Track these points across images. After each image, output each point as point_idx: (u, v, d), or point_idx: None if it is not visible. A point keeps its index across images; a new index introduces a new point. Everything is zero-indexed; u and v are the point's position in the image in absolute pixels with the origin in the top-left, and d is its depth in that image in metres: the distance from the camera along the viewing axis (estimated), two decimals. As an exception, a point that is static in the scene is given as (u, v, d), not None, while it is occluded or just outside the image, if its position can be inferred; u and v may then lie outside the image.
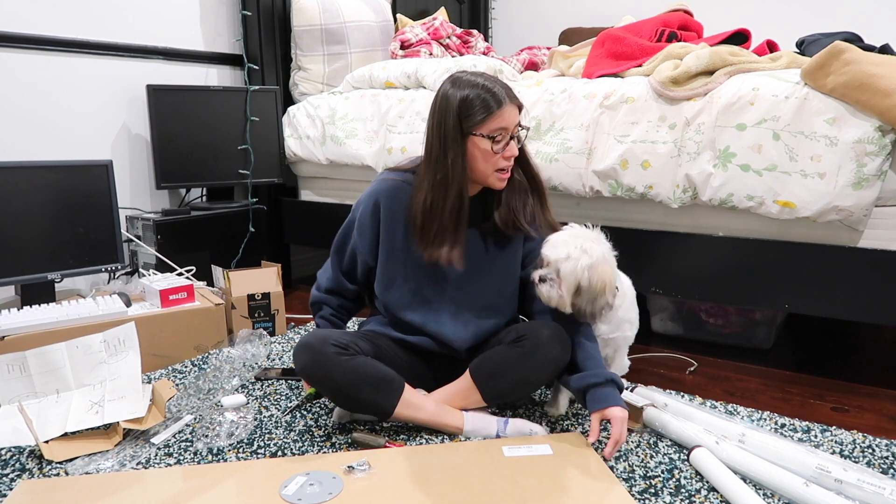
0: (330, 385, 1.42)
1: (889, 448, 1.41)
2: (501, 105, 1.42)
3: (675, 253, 1.91)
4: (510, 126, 1.44)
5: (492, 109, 1.42)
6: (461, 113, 1.43)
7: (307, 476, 1.27)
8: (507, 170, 1.48)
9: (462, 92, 1.43)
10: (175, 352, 1.95)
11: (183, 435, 1.50)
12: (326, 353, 1.40)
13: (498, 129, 1.43)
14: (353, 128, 2.51)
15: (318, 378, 1.42)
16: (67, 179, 2.02)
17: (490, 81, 1.45)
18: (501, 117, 1.42)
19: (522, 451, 1.37)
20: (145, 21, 2.48)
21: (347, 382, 1.40)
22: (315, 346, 1.41)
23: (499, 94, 1.43)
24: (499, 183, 1.49)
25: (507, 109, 1.43)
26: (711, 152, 1.78)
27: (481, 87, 1.43)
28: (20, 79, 2.16)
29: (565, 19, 3.55)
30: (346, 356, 1.41)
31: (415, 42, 2.83)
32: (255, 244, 2.61)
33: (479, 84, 1.44)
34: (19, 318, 1.75)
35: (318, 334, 1.45)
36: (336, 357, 1.40)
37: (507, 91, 1.45)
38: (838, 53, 1.62)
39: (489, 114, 1.42)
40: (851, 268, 1.67)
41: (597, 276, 1.40)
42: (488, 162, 1.45)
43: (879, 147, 1.56)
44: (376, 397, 1.42)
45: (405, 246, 1.53)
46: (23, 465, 1.37)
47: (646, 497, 1.23)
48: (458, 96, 1.43)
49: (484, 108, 1.42)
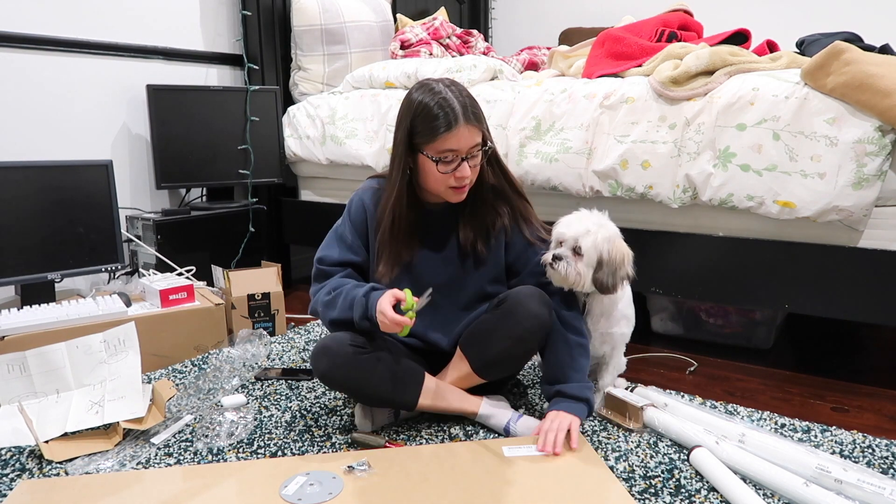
0: (354, 385, 1.40)
1: (889, 448, 1.41)
2: (453, 126, 1.34)
3: (675, 253, 1.91)
4: (462, 148, 1.36)
5: (438, 130, 1.34)
6: (412, 127, 1.38)
7: (307, 476, 1.27)
8: (463, 186, 1.42)
9: (419, 103, 1.37)
10: (175, 352, 1.95)
11: (183, 435, 1.50)
12: (345, 353, 1.38)
13: (446, 150, 1.36)
14: (353, 128, 2.51)
15: (340, 380, 1.40)
16: (67, 179, 2.02)
17: (452, 96, 1.36)
18: (452, 138, 1.35)
19: (522, 451, 1.37)
20: (145, 21, 2.48)
21: (372, 381, 1.39)
22: (333, 348, 1.39)
23: (453, 113, 1.34)
24: (454, 197, 1.44)
25: (461, 130, 1.34)
26: (711, 152, 1.78)
27: (438, 101, 1.35)
28: (20, 78, 2.16)
29: (565, 19, 3.55)
30: (365, 354, 1.40)
31: (415, 42, 2.83)
32: (255, 244, 2.61)
33: (438, 98, 1.35)
34: (19, 318, 1.75)
35: (335, 336, 1.42)
36: (356, 357, 1.39)
37: (469, 110, 1.36)
38: (838, 53, 1.62)
39: (437, 134, 1.34)
40: (851, 268, 1.67)
41: (615, 247, 1.44)
42: (437, 181, 1.40)
43: (879, 147, 1.56)
44: (400, 392, 1.42)
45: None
46: (23, 465, 1.37)
47: (646, 497, 1.23)
48: (413, 107, 1.38)
49: (433, 127, 1.34)
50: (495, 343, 1.45)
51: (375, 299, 1.37)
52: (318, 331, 2.24)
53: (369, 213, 1.52)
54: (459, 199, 1.45)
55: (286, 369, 1.88)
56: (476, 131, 1.38)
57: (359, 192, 1.56)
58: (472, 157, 1.40)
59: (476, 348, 1.47)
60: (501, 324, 1.44)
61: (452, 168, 1.38)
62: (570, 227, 1.46)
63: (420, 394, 1.44)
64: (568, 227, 1.47)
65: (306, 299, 2.73)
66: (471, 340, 1.49)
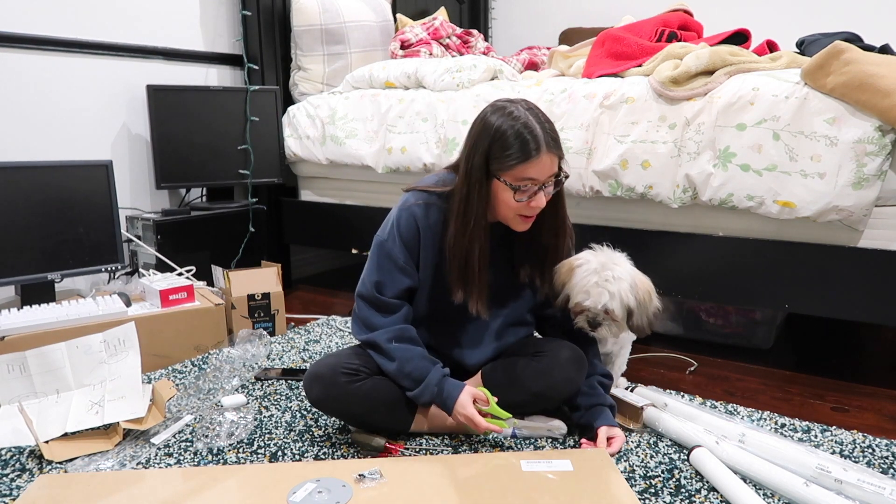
0: (346, 413, 1.43)
1: (889, 448, 1.41)
2: (534, 155, 1.27)
3: (675, 253, 1.91)
4: (541, 178, 1.30)
5: (520, 158, 1.27)
6: (490, 152, 1.30)
7: (317, 483, 1.25)
8: (532, 215, 1.37)
9: (498, 128, 1.29)
10: (175, 352, 1.95)
11: (183, 435, 1.50)
12: (338, 382, 1.38)
13: (526, 178, 1.29)
14: (353, 128, 2.51)
15: (333, 409, 1.42)
16: (67, 179, 2.02)
17: (535, 122, 1.29)
18: (533, 167, 1.28)
19: (541, 465, 1.30)
20: (145, 21, 2.48)
21: (362, 409, 1.40)
22: (325, 375, 1.39)
23: (535, 141, 1.27)
24: (520, 226, 1.38)
25: (543, 159, 1.28)
26: (711, 152, 1.78)
27: (520, 127, 1.28)
28: (20, 79, 2.16)
29: (565, 19, 3.54)
30: (357, 382, 1.39)
31: (415, 42, 2.83)
32: (255, 244, 2.61)
33: (519, 124, 1.28)
34: (19, 318, 1.75)
35: (327, 363, 1.42)
36: (348, 386, 1.38)
37: (549, 136, 1.29)
38: (838, 53, 1.61)
39: (518, 161, 1.28)
40: (851, 268, 1.66)
41: (639, 289, 1.42)
42: (510, 209, 1.34)
43: (879, 147, 1.56)
44: (392, 419, 1.43)
45: (434, 263, 1.45)
46: (23, 465, 1.37)
47: (646, 497, 1.23)
48: (491, 131, 1.30)
49: (513, 155, 1.28)
50: (522, 392, 1.44)
51: (451, 391, 1.38)
52: (317, 331, 2.24)
53: (423, 230, 1.42)
54: (525, 228, 1.39)
55: (286, 369, 1.88)
56: (555, 159, 1.32)
57: (407, 207, 1.42)
58: (548, 186, 1.34)
59: (501, 391, 1.43)
60: (533, 380, 1.43)
61: (528, 196, 1.32)
62: (589, 296, 1.40)
63: (413, 420, 1.44)
64: (588, 296, 1.40)
65: (306, 299, 2.74)
66: (497, 379, 1.46)
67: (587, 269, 1.42)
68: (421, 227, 1.42)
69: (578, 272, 1.43)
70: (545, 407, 1.49)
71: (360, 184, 2.60)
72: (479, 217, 1.35)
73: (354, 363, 1.41)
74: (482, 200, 1.34)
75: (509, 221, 1.38)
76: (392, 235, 1.43)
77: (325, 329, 2.26)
